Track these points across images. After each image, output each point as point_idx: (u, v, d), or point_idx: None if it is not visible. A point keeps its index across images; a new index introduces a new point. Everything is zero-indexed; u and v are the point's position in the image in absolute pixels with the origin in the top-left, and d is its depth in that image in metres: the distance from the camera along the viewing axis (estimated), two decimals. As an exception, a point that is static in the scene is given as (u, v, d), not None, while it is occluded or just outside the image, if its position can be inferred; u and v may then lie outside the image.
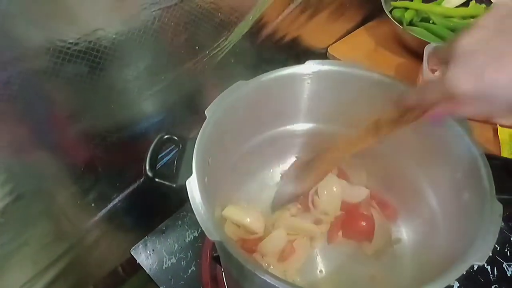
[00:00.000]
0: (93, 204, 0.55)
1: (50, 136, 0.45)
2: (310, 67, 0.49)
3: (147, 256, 0.60)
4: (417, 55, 0.77)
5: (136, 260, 0.61)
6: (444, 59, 0.34)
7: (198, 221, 0.35)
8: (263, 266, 0.35)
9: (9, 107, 0.39)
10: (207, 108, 0.44)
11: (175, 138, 0.45)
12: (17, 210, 0.45)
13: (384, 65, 0.79)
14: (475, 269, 0.58)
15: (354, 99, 0.51)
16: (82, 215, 0.55)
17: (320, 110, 0.53)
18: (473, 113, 0.34)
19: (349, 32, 0.86)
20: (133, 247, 0.61)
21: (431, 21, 0.81)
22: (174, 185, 0.41)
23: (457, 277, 0.33)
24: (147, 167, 0.42)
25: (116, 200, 0.58)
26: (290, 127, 0.54)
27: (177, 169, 0.43)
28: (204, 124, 0.43)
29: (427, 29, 0.79)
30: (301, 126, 0.54)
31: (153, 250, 0.61)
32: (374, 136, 0.45)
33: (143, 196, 0.62)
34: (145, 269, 0.59)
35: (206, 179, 0.42)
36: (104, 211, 0.57)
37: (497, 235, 0.35)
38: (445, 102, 0.34)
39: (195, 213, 0.36)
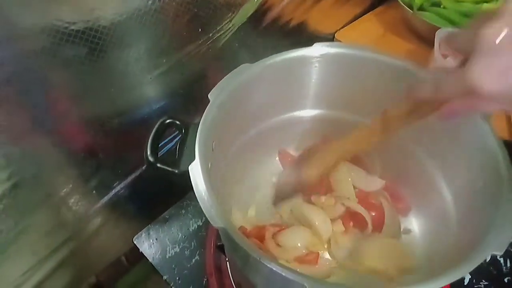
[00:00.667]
0: (94, 192, 0.54)
1: (49, 121, 0.44)
2: (318, 49, 0.47)
3: (150, 245, 0.59)
4: (427, 41, 0.75)
5: (139, 249, 0.59)
6: (464, 49, 0.31)
7: (202, 207, 0.34)
8: (268, 255, 0.33)
9: (4, 90, 0.38)
10: (211, 92, 0.43)
11: (177, 122, 0.43)
12: (15, 198, 0.44)
13: (393, 51, 0.76)
14: (487, 260, 0.56)
15: (363, 84, 0.49)
16: (83, 203, 0.54)
17: (328, 96, 0.51)
18: (493, 109, 0.31)
19: (357, 18, 0.83)
20: (136, 235, 0.60)
21: (441, 6, 0.78)
22: (176, 171, 0.40)
23: (473, 267, 0.31)
24: (149, 152, 0.41)
25: (118, 187, 0.57)
26: (296, 113, 0.52)
27: (180, 154, 0.41)
28: (207, 107, 0.41)
29: (437, 13, 0.76)
30: (308, 113, 0.52)
31: (156, 239, 0.59)
32: (384, 132, 0.41)
33: (146, 183, 0.60)
34: (148, 258, 0.58)
35: (209, 165, 0.40)
36: (105, 198, 0.56)
37: (516, 223, 0.33)
38: (464, 98, 0.31)
39: (198, 199, 0.34)
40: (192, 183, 0.36)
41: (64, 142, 0.47)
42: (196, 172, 0.36)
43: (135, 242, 0.59)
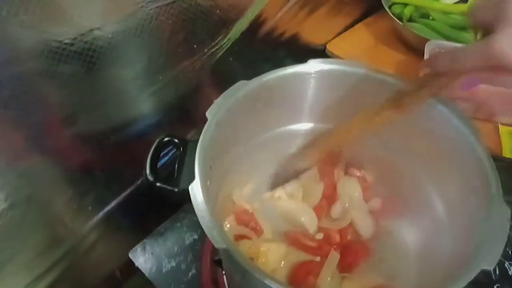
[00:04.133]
0: (89, 208, 0.54)
1: (45, 140, 0.44)
2: (313, 66, 0.47)
3: (145, 259, 0.59)
4: (417, 52, 0.76)
5: (133, 263, 0.59)
6: (489, 22, 0.30)
7: (203, 228, 0.34)
8: (272, 276, 0.34)
9: (2, 113, 0.38)
10: (209, 110, 0.43)
11: (176, 140, 0.43)
12: (11, 219, 0.43)
13: (384, 62, 0.78)
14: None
15: (357, 98, 0.49)
16: (78, 220, 0.53)
17: (322, 110, 0.52)
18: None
19: (347, 28, 0.85)
20: (131, 250, 0.60)
21: (430, 17, 0.80)
22: (175, 190, 0.40)
23: (466, 283, 0.32)
24: (148, 171, 0.41)
25: (113, 203, 0.57)
26: (292, 127, 0.53)
27: (179, 173, 0.42)
28: (205, 126, 0.42)
29: (426, 25, 0.78)
30: (304, 126, 0.53)
31: (152, 253, 0.59)
32: (393, 109, 0.42)
33: (141, 198, 0.60)
34: (144, 272, 0.58)
35: (208, 183, 0.40)
36: (101, 214, 0.56)
37: (506, 239, 0.34)
38: (484, 70, 0.31)
39: (199, 220, 0.35)
40: (193, 203, 0.36)
41: (61, 161, 0.47)
42: (196, 191, 0.36)
43: (130, 257, 0.59)
